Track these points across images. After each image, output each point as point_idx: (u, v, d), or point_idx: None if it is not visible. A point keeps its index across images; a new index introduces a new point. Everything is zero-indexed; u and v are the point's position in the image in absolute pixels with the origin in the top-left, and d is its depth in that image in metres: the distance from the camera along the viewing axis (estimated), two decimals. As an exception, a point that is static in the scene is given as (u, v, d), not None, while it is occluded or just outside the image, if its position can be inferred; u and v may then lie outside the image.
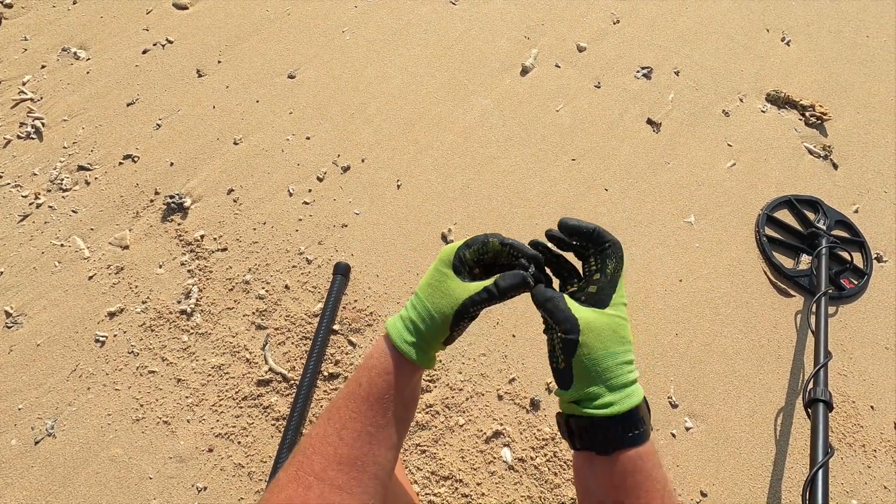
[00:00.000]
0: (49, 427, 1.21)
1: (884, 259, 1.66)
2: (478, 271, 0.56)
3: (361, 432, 0.49)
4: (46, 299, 1.39)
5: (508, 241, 0.54)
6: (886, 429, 1.36)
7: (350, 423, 0.49)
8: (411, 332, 0.52)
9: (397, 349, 0.52)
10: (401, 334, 0.52)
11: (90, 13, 2.01)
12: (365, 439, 0.49)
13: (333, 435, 0.49)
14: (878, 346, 1.49)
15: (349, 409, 0.50)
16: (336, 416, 0.50)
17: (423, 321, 0.51)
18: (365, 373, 0.52)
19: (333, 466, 0.47)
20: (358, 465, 0.48)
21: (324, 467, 0.47)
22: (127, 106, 1.76)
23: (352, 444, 0.48)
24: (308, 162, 1.67)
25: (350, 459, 0.48)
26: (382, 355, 0.52)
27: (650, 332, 1.44)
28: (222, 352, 1.33)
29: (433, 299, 0.52)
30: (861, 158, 1.89)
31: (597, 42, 2.10)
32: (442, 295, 0.51)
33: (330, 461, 0.47)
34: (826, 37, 2.28)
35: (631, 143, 1.82)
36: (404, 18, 2.09)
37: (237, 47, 1.94)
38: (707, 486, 1.24)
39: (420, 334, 0.52)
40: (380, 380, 0.51)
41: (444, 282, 0.52)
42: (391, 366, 0.51)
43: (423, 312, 0.52)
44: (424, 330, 0.51)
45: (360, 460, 0.48)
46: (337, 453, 0.48)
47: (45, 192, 1.56)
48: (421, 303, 0.52)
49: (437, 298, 0.51)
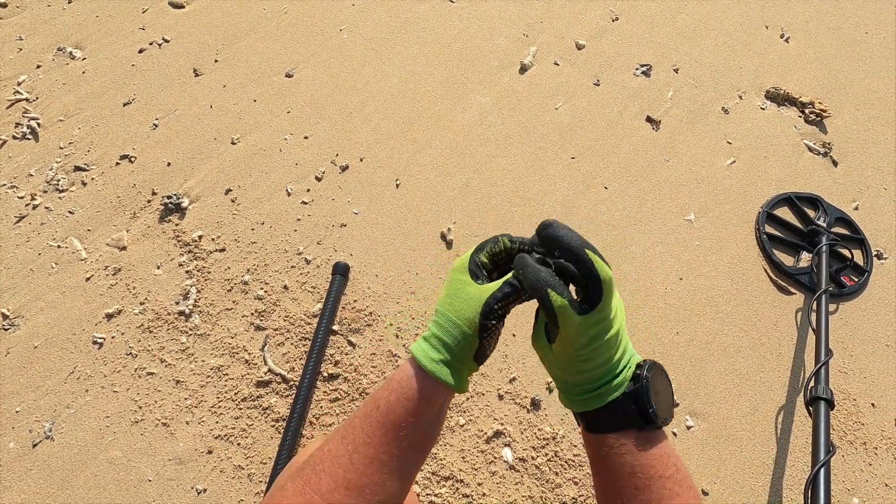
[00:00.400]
0: (47, 430, 1.21)
1: (884, 256, 1.66)
2: (496, 275, 0.54)
3: (374, 459, 0.47)
4: (43, 301, 1.38)
5: (517, 238, 0.53)
6: (888, 426, 1.36)
7: (363, 448, 0.48)
8: (437, 348, 0.49)
9: (424, 370, 0.49)
10: (426, 353, 0.49)
11: (85, 12, 2.00)
12: (376, 467, 0.47)
13: (345, 457, 0.48)
14: (878, 343, 1.49)
15: (364, 433, 0.48)
16: (350, 436, 0.49)
17: (449, 333, 0.49)
18: (384, 394, 0.49)
19: (341, 490, 0.46)
20: (366, 493, 0.47)
21: (331, 489, 0.46)
22: (123, 106, 1.75)
23: (362, 471, 0.47)
24: (306, 161, 1.66)
25: (358, 486, 0.47)
26: (405, 378, 0.49)
27: (650, 330, 1.44)
28: (221, 353, 1.32)
29: (455, 307, 0.50)
30: (861, 155, 1.89)
31: (596, 40, 2.09)
32: (463, 301, 0.49)
33: (338, 484, 0.46)
34: (825, 33, 2.27)
35: (630, 141, 1.82)
36: (402, 16, 2.08)
37: (234, 46, 1.93)
38: (708, 484, 1.24)
39: (448, 348, 0.49)
40: (399, 406, 0.48)
41: (463, 289, 0.50)
42: (413, 391, 0.48)
43: (446, 324, 0.50)
44: (452, 343, 0.49)
45: (369, 489, 0.47)
46: (346, 477, 0.47)
47: (41, 193, 1.55)
48: (443, 316, 0.50)
49: (458, 305, 0.49)
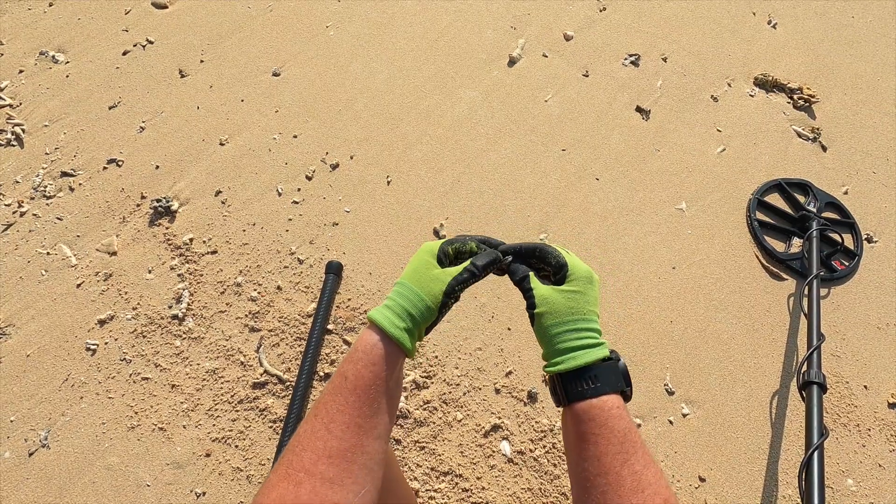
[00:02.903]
0: (43, 438, 1.20)
1: (874, 240, 1.67)
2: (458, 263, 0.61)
3: (350, 424, 0.50)
4: (34, 309, 1.36)
5: (484, 239, 0.62)
6: (880, 408, 1.37)
7: (338, 416, 0.50)
8: (402, 317, 0.54)
9: (389, 336, 0.53)
10: (392, 322, 0.54)
11: (67, 15, 1.97)
12: (354, 431, 0.50)
13: (322, 429, 0.49)
14: (870, 326, 1.50)
15: (336, 403, 0.51)
16: (323, 410, 0.50)
17: (415, 306, 0.55)
18: (350, 366, 0.52)
19: (324, 460, 0.47)
20: (348, 456, 0.48)
21: (314, 461, 0.47)
22: (109, 109, 1.73)
23: (341, 437, 0.49)
24: (296, 160, 1.65)
25: (340, 452, 0.48)
26: (369, 346, 0.53)
27: (644, 319, 1.44)
28: (216, 356, 1.32)
29: (422, 284, 0.56)
30: (849, 140, 1.90)
31: (584, 30, 2.09)
32: (430, 279, 0.56)
33: (320, 455, 0.48)
34: (812, 19, 2.28)
35: (620, 132, 1.82)
36: (388, 12, 2.06)
37: (220, 46, 1.91)
38: (705, 471, 1.25)
39: (412, 318, 0.55)
40: (366, 371, 0.52)
41: (429, 270, 0.57)
42: (379, 356, 0.53)
43: (412, 298, 0.55)
44: (416, 314, 0.55)
45: (350, 452, 0.49)
46: (326, 447, 0.48)
47: (28, 200, 1.54)
48: (409, 289, 0.56)
49: (425, 282, 0.56)
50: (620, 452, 0.49)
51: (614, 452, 0.49)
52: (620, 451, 0.49)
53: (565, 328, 0.55)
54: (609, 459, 0.48)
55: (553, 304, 0.55)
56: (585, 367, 0.53)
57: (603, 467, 0.48)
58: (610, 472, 0.48)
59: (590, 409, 0.51)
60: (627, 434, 0.50)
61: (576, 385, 0.52)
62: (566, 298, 0.56)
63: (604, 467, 0.48)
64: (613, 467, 0.48)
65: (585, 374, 0.52)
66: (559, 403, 0.55)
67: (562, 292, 0.56)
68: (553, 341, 0.55)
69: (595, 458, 0.49)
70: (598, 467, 0.49)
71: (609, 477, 0.48)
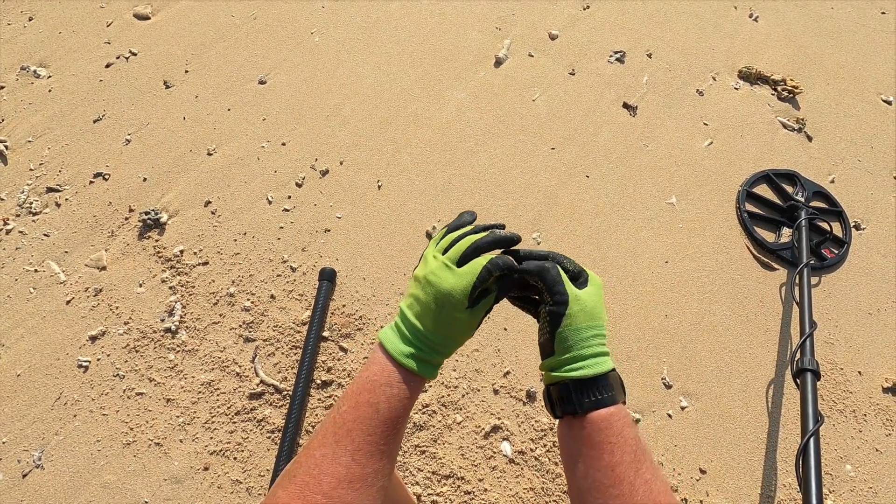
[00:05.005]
0: (36, 458, 1.18)
1: (862, 227, 1.69)
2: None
3: (375, 452, 0.50)
4: (24, 327, 1.34)
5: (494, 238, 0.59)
6: (875, 393, 1.39)
7: (366, 447, 0.50)
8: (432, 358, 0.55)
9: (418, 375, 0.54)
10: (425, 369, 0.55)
11: (48, 29, 1.95)
12: (378, 457, 0.50)
13: (345, 457, 0.49)
14: (861, 312, 1.52)
15: (363, 433, 0.50)
16: (347, 439, 0.50)
17: (447, 349, 0.55)
18: (384, 399, 0.52)
19: (344, 485, 0.47)
20: (368, 481, 0.49)
21: (333, 486, 0.47)
22: (93, 122, 1.71)
23: (364, 464, 0.49)
24: (285, 168, 1.64)
25: (362, 477, 0.48)
26: (400, 380, 0.53)
27: (640, 315, 1.45)
28: (211, 367, 1.30)
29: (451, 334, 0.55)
30: (834, 129, 1.92)
31: (568, 29, 2.10)
32: (460, 329, 0.55)
33: (341, 480, 0.48)
34: (793, 10, 2.30)
35: (609, 129, 1.83)
36: (373, 16, 2.06)
37: (204, 55, 1.90)
38: (705, 463, 1.25)
39: (441, 356, 0.55)
40: (400, 404, 0.52)
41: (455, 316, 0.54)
42: (410, 390, 0.53)
43: (442, 343, 0.55)
44: (446, 353, 0.56)
45: (371, 477, 0.49)
46: (349, 473, 0.48)
47: (13, 217, 1.51)
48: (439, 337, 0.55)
49: (455, 331, 0.55)
50: (633, 462, 0.48)
51: (628, 462, 0.48)
52: (633, 459, 0.49)
53: (591, 332, 0.53)
54: (623, 469, 0.48)
55: (585, 305, 0.53)
56: (602, 374, 0.52)
57: (617, 477, 0.48)
58: (623, 481, 0.48)
59: (609, 418, 0.50)
60: (638, 442, 0.50)
61: (591, 393, 0.51)
62: (597, 299, 0.55)
63: (618, 477, 0.48)
64: (627, 476, 0.48)
65: (600, 381, 0.51)
66: (568, 412, 0.52)
67: (591, 295, 0.55)
68: (579, 345, 0.53)
69: (609, 468, 0.48)
70: (612, 477, 0.48)
71: (622, 487, 0.47)
